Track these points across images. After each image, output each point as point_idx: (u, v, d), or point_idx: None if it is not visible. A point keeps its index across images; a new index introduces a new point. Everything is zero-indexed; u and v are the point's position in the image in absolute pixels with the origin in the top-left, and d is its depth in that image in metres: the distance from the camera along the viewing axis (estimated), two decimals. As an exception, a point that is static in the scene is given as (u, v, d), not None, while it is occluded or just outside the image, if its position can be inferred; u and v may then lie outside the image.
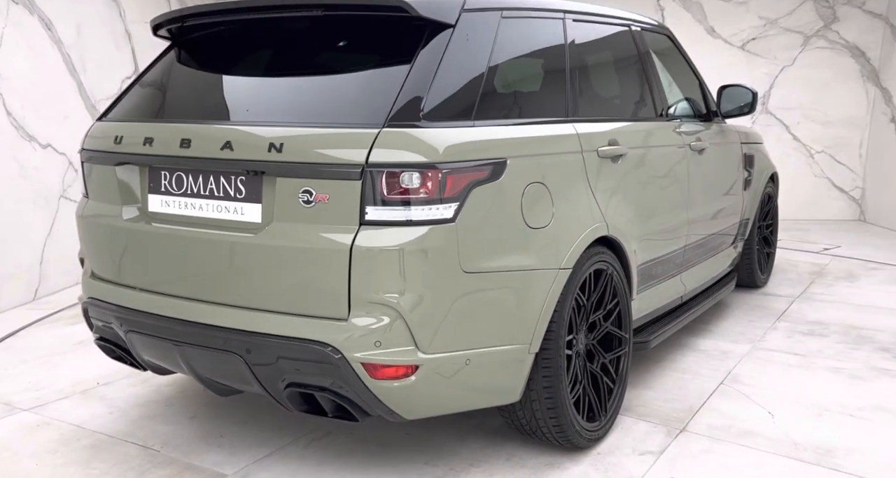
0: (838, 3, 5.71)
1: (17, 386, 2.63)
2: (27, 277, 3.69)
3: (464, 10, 1.85)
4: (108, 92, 4.46)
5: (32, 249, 3.72)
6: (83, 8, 4.17)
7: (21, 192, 3.62)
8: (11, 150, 3.56)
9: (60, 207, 3.95)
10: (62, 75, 3.98)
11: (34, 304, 3.63)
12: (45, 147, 3.81)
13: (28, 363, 2.87)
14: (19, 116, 3.60)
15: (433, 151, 1.64)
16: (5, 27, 3.51)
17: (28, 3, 3.68)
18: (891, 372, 2.66)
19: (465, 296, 1.73)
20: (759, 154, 3.66)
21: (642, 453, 2.10)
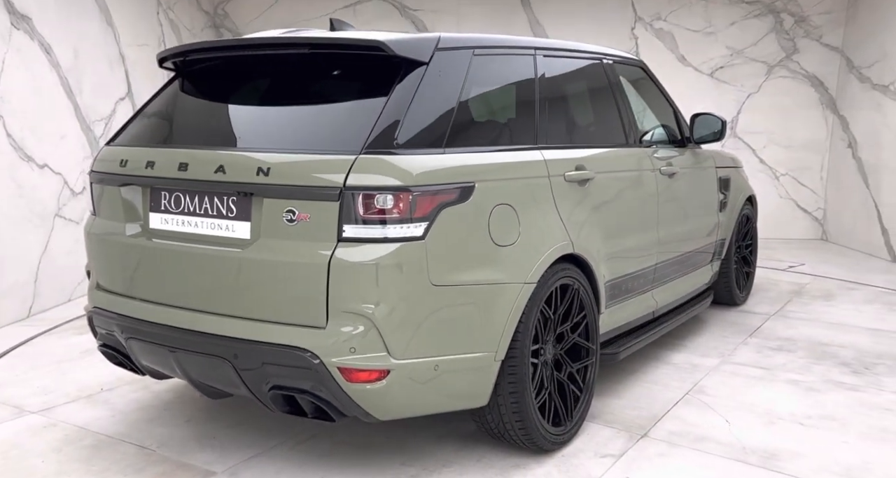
0: (798, 35, 6.15)
1: (27, 391, 2.83)
2: (22, 294, 3.82)
3: (437, 49, 2.06)
4: (103, 113, 4.65)
5: (28, 266, 3.85)
6: (80, 32, 4.36)
7: (18, 210, 3.77)
8: (10, 169, 3.69)
9: (55, 225, 4.09)
10: (59, 97, 4.15)
11: (29, 320, 3.77)
12: (41, 167, 3.96)
13: (38, 370, 3.07)
14: (18, 137, 3.76)
15: (405, 175, 1.82)
16: (7, 52, 3.69)
17: (29, 28, 3.86)
18: (845, 385, 2.85)
19: (434, 307, 1.90)
20: (735, 177, 3.86)
21: (603, 455, 2.26)
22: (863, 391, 2.78)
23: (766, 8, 6.19)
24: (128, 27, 4.98)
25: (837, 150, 6.18)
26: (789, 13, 6.14)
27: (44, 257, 4.00)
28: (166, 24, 5.63)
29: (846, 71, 6.00)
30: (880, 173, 5.54)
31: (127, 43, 4.97)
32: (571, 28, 6.56)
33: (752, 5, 6.22)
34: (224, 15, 6.75)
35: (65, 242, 4.17)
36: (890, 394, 2.75)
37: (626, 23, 6.50)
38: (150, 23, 5.36)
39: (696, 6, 6.33)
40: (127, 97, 4.97)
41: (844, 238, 6.07)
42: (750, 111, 6.36)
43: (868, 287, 4.51)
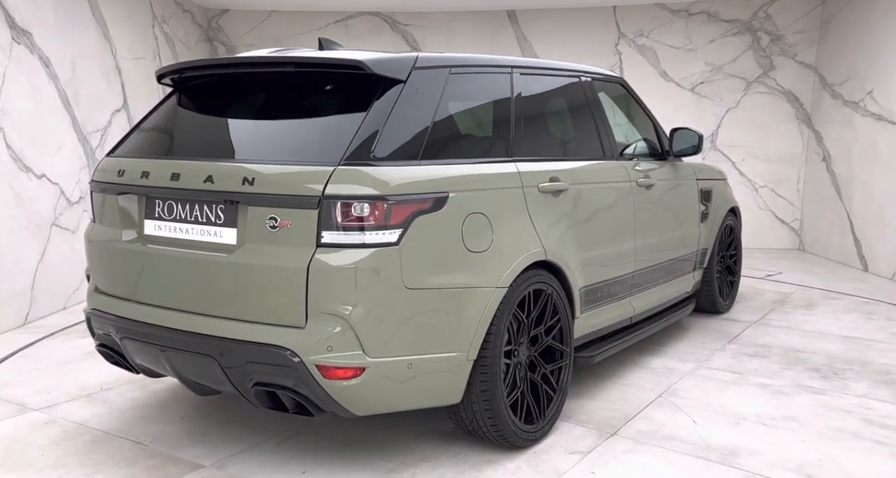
0: (774, 53, 6.43)
1: (30, 389, 2.98)
2: (19, 302, 3.90)
3: (415, 68, 2.19)
4: (99, 124, 4.79)
5: (25, 274, 3.94)
6: (78, 46, 4.51)
7: (16, 220, 3.86)
8: (9, 180, 3.79)
9: (52, 234, 4.19)
10: (57, 109, 4.28)
11: (25, 327, 3.87)
12: (39, 177, 4.07)
13: (42, 370, 3.23)
14: (17, 148, 3.87)
15: (381, 185, 1.95)
16: (8, 66, 3.83)
17: (29, 42, 4.01)
18: (812, 389, 2.97)
19: (408, 308, 2.01)
20: (717, 189, 3.99)
21: (572, 452, 2.38)
22: (827, 395, 2.91)
23: (743, 26, 6.47)
24: (124, 40, 5.14)
25: (812, 163, 6.44)
26: (765, 32, 6.42)
27: (41, 266, 4.09)
28: (161, 37, 5.80)
29: (819, 88, 6.28)
30: (852, 186, 5.79)
31: (123, 56, 5.13)
32: (557, 43, 6.81)
33: (730, 24, 6.50)
34: (218, 28, 6.95)
35: (61, 251, 4.29)
36: (853, 397, 2.88)
37: (611, 39, 6.75)
38: (145, 36, 5.53)
39: (677, 24, 6.60)
40: (123, 109, 5.12)
41: (820, 248, 6.31)
42: (729, 125, 6.61)
43: (849, 297, 4.64)
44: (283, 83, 2.32)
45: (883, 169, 5.33)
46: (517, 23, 6.88)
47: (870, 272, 5.50)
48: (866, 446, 2.44)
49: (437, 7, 6.72)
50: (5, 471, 2.29)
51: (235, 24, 6.93)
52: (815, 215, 6.37)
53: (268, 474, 2.23)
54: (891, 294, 4.75)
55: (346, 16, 6.94)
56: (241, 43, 6.95)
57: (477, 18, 6.89)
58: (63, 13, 4.39)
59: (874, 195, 5.45)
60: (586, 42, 6.76)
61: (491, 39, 6.91)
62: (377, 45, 6.88)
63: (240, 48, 6.94)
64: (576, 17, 6.76)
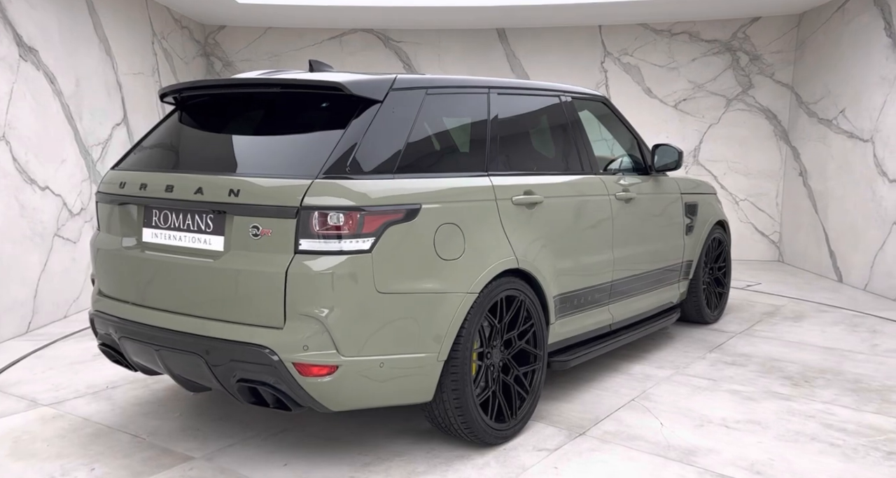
0: (753, 72, 6.74)
1: (42, 387, 3.22)
2: (21, 311, 4.06)
3: (392, 89, 2.36)
4: (100, 138, 5.01)
5: (28, 284, 4.10)
6: (81, 62, 4.74)
7: (21, 230, 4.02)
8: (15, 191, 3.97)
9: (54, 244, 4.35)
10: (61, 123, 4.49)
11: (28, 335, 4.03)
12: (43, 189, 4.25)
13: (54, 369, 3.47)
14: (23, 161, 4.05)
15: (354, 196, 2.10)
16: (15, 82, 4.04)
17: (35, 59, 4.23)
18: (780, 395, 3.08)
19: (379, 311, 2.15)
20: (704, 203, 4.13)
21: (540, 449, 2.51)
22: (794, 401, 3.02)
23: (723, 46, 6.78)
24: (125, 56, 5.38)
25: (790, 178, 6.72)
26: (744, 52, 6.74)
27: (43, 275, 4.25)
28: (160, 53, 6.05)
29: (796, 106, 6.58)
30: (827, 200, 6.06)
31: (123, 71, 5.37)
32: (545, 61, 7.10)
33: (710, 43, 6.81)
34: (215, 44, 7.20)
35: (62, 261, 4.46)
36: (818, 404, 2.99)
37: (597, 57, 7.05)
38: (145, 52, 5.77)
39: (660, 43, 6.91)
40: (122, 123, 5.34)
41: (798, 260, 6.56)
42: (711, 141, 6.90)
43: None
44: (270, 103, 2.51)
45: (854, 184, 5.60)
46: (507, 41, 7.17)
47: (844, 283, 5.75)
48: (820, 447, 2.56)
49: (429, 25, 7.01)
50: (13, 460, 2.49)
51: (232, 40, 7.19)
52: (793, 228, 6.64)
53: (253, 466, 2.39)
54: (864, 304, 4.97)
55: (341, 32, 7.21)
56: (237, 58, 7.20)
57: (468, 36, 7.18)
58: (68, 31, 4.62)
59: (847, 209, 5.72)
60: (573, 60, 7.06)
61: (481, 56, 7.19)
62: (371, 60, 7.15)
63: (236, 63, 7.19)
64: (563, 35, 7.05)
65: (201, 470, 2.36)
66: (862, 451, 2.54)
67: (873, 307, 4.87)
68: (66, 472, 2.38)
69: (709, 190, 4.35)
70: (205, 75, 7.11)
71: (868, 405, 2.99)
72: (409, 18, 6.72)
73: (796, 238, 6.57)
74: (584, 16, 6.58)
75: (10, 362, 3.57)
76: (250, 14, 6.57)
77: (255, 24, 7.09)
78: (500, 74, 7.14)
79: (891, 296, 5.12)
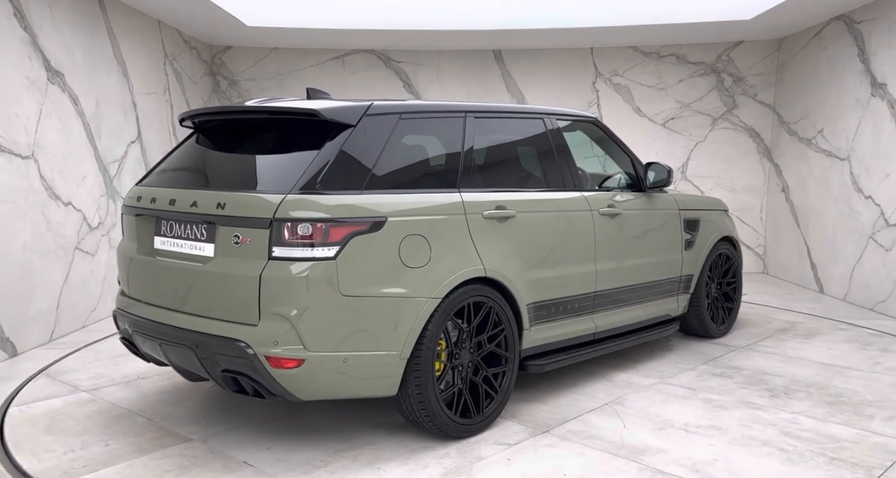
0: (737, 93, 7.16)
1: (85, 375, 3.72)
2: (45, 321, 4.33)
3: (366, 115, 2.65)
4: (117, 155, 5.35)
5: (51, 295, 4.38)
6: (101, 84, 5.12)
7: (46, 244, 4.31)
8: (41, 207, 4.26)
9: (75, 257, 4.63)
10: (83, 142, 4.84)
11: (50, 344, 4.32)
12: (66, 205, 4.55)
13: (99, 361, 3.97)
14: (49, 178, 4.36)
15: (321, 210, 2.38)
16: (44, 104, 4.41)
17: (61, 82, 4.59)
18: (752, 405, 3.16)
19: (343, 312, 2.40)
20: (707, 219, 4.27)
21: (500, 444, 2.71)
22: (763, 410, 3.09)
23: (708, 68, 7.21)
24: (139, 77, 5.75)
25: (773, 193, 7.11)
26: (728, 73, 7.18)
27: (64, 286, 4.53)
28: (171, 73, 6.41)
29: (777, 125, 6.99)
30: (808, 215, 6.44)
31: (138, 91, 5.73)
32: (539, 81, 7.51)
33: (696, 65, 7.25)
34: (221, 64, 7.58)
35: (82, 273, 4.78)
36: (787, 414, 3.07)
37: (588, 77, 7.47)
38: (157, 72, 6.14)
39: (649, 65, 7.34)
40: (137, 140, 5.69)
41: (782, 272, 6.92)
42: (698, 157, 7.30)
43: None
44: (260, 128, 2.86)
45: (833, 200, 5.98)
46: (503, 61, 7.58)
47: (825, 294, 6.08)
48: (768, 451, 2.66)
49: (429, 46, 7.41)
50: (46, 434, 2.91)
51: (238, 61, 7.56)
52: (776, 241, 7.00)
53: (240, 448, 2.71)
54: (843, 313, 5.25)
55: (343, 53, 7.60)
56: (242, 78, 7.58)
57: (465, 56, 7.59)
58: (90, 54, 5.01)
59: (826, 224, 6.09)
60: (566, 80, 7.47)
61: (478, 76, 7.60)
62: (372, 80, 7.53)
63: (241, 82, 7.56)
64: (557, 57, 7.47)
65: (195, 450, 2.70)
66: (808, 456, 2.64)
67: (852, 316, 5.16)
68: (86, 445, 2.77)
69: (715, 206, 4.45)
70: (211, 94, 7.47)
71: (837, 417, 3.05)
72: (410, 40, 7.11)
73: (780, 251, 6.93)
74: (576, 39, 7.00)
75: (65, 354, 4.10)
76: (256, 35, 6.94)
77: (259, 45, 7.46)
78: (496, 93, 7.54)
79: (867, 306, 5.45)
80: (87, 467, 2.58)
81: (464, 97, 7.54)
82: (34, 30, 4.32)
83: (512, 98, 7.52)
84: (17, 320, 4.09)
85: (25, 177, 4.17)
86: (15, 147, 4.09)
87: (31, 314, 4.22)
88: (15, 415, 3.13)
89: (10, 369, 3.80)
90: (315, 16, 6.50)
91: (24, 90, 4.19)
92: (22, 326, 4.13)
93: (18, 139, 4.12)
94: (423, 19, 6.49)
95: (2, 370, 3.79)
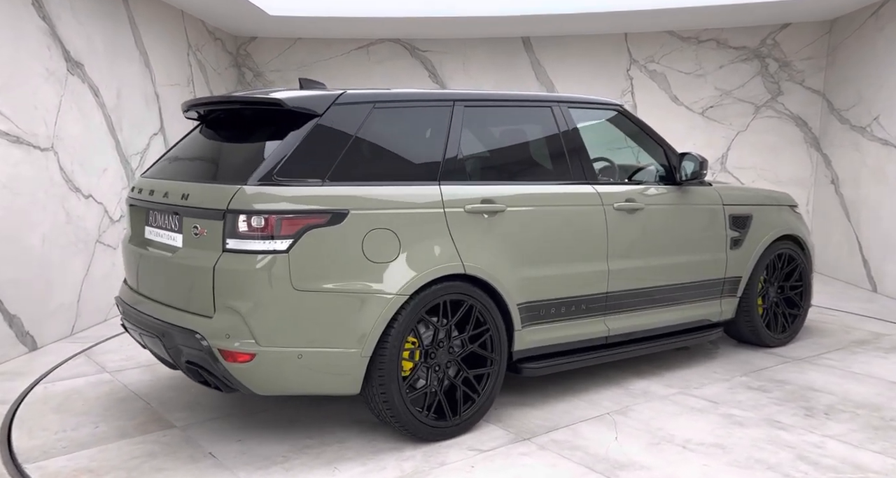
0: (782, 79, 6.74)
1: (117, 357, 3.87)
2: (66, 315, 4.32)
3: (335, 103, 2.56)
4: (139, 147, 5.31)
5: (72, 289, 4.36)
6: (123, 75, 5.07)
7: (66, 237, 4.28)
8: (62, 200, 4.22)
9: (96, 250, 4.62)
10: (104, 134, 4.81)
11: (71, 338, 4.29)
12: (87, 197, 4.52)
13: (132, 346, 3.94)
14: (69, 171, 4.32)
15: (273, 202, 2.34)
16: (64, 95, 4.36)
17: (81, 73, 4.55)
18: (778, 424, 2.85)
19: (296, 307, 2.35)
20: (760, 215, 3.86)
21: (473, 449, 2.56)
22: (788, 431, 2.79)
23: (751, 53, 6.81)
24: (162, 68, 5.69)
25: (821, 186, 6.68)
26: (773, 59, 6.75)
27: (85, 280, 4.52)
28: (195, 64, 6.35)
29: (827, 112, 6.56)
30: (860, 209, 6.02)
31: (161, 83, 5.66)
32: (570, 69, 7.21)
33: (738, 50, 6.84)
34: (246, 55, 7.49)
35: (103, 267, 4.77)
36: (816, 436, 2.75)
37: (622, 65, 7.14)
38: (181, 64, 6.07)
39: (687, 50, 6.96)
40: (159, 132, 5.64)
41: (830, 269, 6.51)
42: (739, 148, 6.91)
43: None
44: (234, 118, 2.86)
45: (890, 192, 5.57)
46: (532, 49, 7.30)
47: (878, 293, 5.70)
48: (771, 476, 2.39)
49: (455, 34, 7.19)
50: (53, 412, 3.04)
51: (263, 52, 7.47)
52: (824, 237, 6.59)
53: (214, 438, 2.72)
54: (896, 314, 4.88)
55: (368, 42, 7.44)
56: (267, 69, 7.49)
57: (493, 44, 7.34)
58: (111, 45, 4.96)
59: (882, 218, 5.68)
60: (598, 68, 7.16)
61: (506, 64, 7.34)
62: (397, 69, 7.36)
63: (266, 74, 7.47)
64: (588, 43, 7.16)
65: (172, 438, 2.74)
66: (816, 485, 2.33)
67: (909, 317, 4.80)
68: (78, 426, 2.86)
69: (775, 201, 4.08)
70: (236, 85, 7.40)
71: (876, 444, 2.70)
72: (435, 28, 6.91)
73: (828, 247, 6.53)
74: (610, 24, 6.69)
75: (112, 335, 4.30)
76: (281, 26, 6.84)
77: (284, 36, 7.37)
78: (525, 82, 7.27)
79: (926, 307, 5.07)
80: (66, 449, 2.64)
81: (491, 86, 7.32)
82: (53, 19, 4.26)
83: (541, 87, 7.24)
84: (38, 314, 4.07)
85: (45, 169, 4.14)
86: (34, 139, 4.04)
87: (51, 308, 4.20)
88: (38, 392, 3.27)
89: (30, 364, 3.77)
90: (339, 4, 6.34)
91: (42, 81, 4.14)
92: (42, 320, 4.11)
93: (37, 131, 4.08)
94: (449, 6, 6.28)
95: (20, 365, 3.76)
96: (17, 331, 3.89)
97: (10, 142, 3.85)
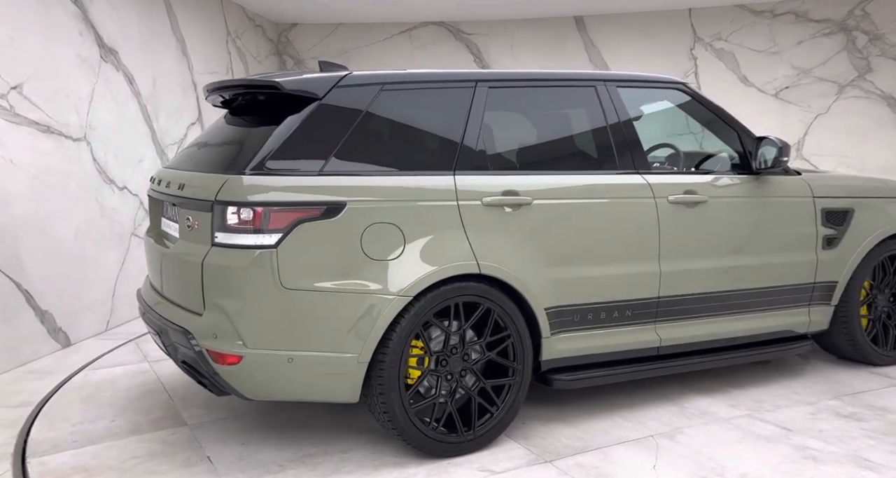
0: (872, 54, 6.01)
1: (155, 347, 3.67)
2: (101, 310, 4.21)
3: (337, 86, 2.36)
4: (176, 137, 5.16)
5: (106, 283, 4.25)
6: (159, 63, 4.93)
7: (101, 231, 4.18)
8: (95, 192, 4.12)
9: (131, 244, 4.52)
10: (139, 124, 4.68)
11: (106, 334, 4.19)
12: (121, 189, 4.40)
13: None
14: (102, 162, 4.20)
15: (261, 193, 2.17)
16: (97, 83, 4.23)
17: (115, 60, 4.42)
18: (866, 464, 2.39)
19: (285, 307, 2.17)
20: (864, 209, 3.34)
21: (484, 469, 2.31)
22: (878, 471, 2.34)
23: (836, 26, 6.09)
24: (200, 56, 5.53)
25: (917, 175, 5.93)
26: (862, 31, 6.02)
27: (120, 274, 4.41)
28: (234, 52, 6.17)
29: (925, 91, 5.80)
30: (965, 201, 5.28)
31: (199, 71, 5.50)
32: (627, 50, 6.67)
33: (821, 24, 6.14)
34: (287, 42, 7.29)
35: (139, 261, 4.65)
36: None
37: (685, 43, 6.55)
38: (220, 51, 5.90)
39: (760, 26, 6.31)
40: (197, 122, 5.49)
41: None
42: (818, 133, 6.23)
43: None
44: (252, 105, 2.67)
45: None
46: (584, 29, 6.80)
47: None
48: None
49: (501, 15, 6.76)
50: (80, 402, 3.03)
51: (304, 38, 7.26)
52: (920, 233, 5.85)
53: (220, 439, 2.63)
54: None
55: (411, 26, 7.11)
56: (308, 56, 7.26)
57: (542, 25, 6.87)
58: (147, 31, 4.79)
59: None
60: (658, 48, 6.60)
61: (556, 46, 6.87)
62: (440, 54, 7.00)
63: (307, 61, 7.24)
64: (648, 21, 6.60)
65: (178, 437, 2.66)
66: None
67: None
68: (97, 419, 2.84)
69: (886, 193, 3.47)
70: (276, 74, 7.20)
71: None
72: (481, 9, 6.51)
73: (924, 244, 5.79)
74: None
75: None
76: (322, 10, 6.61)
77: (325, 21, 7.13)
78: (577, 65, 6.77)
79: None
80: (76, 443, 2.60)
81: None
82: (85, 3, 4.13)
83: (595, 69, 6.72)
84: (71, 310, 3.96)
85: (77, 160, 4.00)
86: (65, 129, 3.91)
87: (85, 304, 4.10)
88: (77, 380, 3.28)
89: (62, 361, 3.66)
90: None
91: (74, 68, 4.00)
92: (75, 315, 4.01)
93: (69, 121, 3.94)
94: (497, -18, 5.85)
95: (51, 363, 3.65)
96: (49, 327, 3.79)
97: (41, 131, 3.72)
